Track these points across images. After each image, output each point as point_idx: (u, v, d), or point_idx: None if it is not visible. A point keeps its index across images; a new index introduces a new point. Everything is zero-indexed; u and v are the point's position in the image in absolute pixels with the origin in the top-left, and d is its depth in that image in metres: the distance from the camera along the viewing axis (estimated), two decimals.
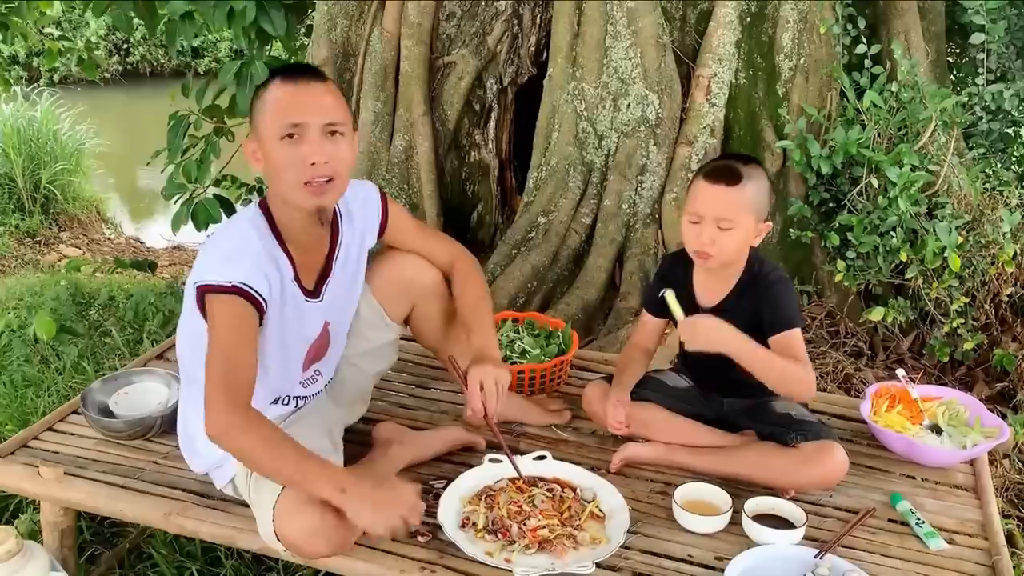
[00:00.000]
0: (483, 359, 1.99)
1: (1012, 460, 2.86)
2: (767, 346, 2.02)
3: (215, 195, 3.50)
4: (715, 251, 2.01)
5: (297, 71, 1.78)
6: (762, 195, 2.02)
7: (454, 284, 2.15)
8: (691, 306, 2.15)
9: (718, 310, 2.10)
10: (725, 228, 1.98)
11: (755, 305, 2.06)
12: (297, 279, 1.86)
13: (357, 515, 1.65)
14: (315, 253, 1.92)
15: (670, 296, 2.06)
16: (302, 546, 1.70)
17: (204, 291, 1.74)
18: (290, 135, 1.72)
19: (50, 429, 2.23)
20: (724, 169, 2.01)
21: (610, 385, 2.22)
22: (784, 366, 1.98)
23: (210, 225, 3.45)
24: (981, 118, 3.71)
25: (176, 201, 3.46)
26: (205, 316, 1.76)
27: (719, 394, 2.24)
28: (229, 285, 1.71)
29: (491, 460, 2.05)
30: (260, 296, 1.74)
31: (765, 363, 1.98)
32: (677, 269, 2.19)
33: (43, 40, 4.95)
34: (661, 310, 2.23)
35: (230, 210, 3.55)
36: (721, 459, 2.10)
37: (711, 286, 2.14)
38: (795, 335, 2.04)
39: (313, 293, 1.91)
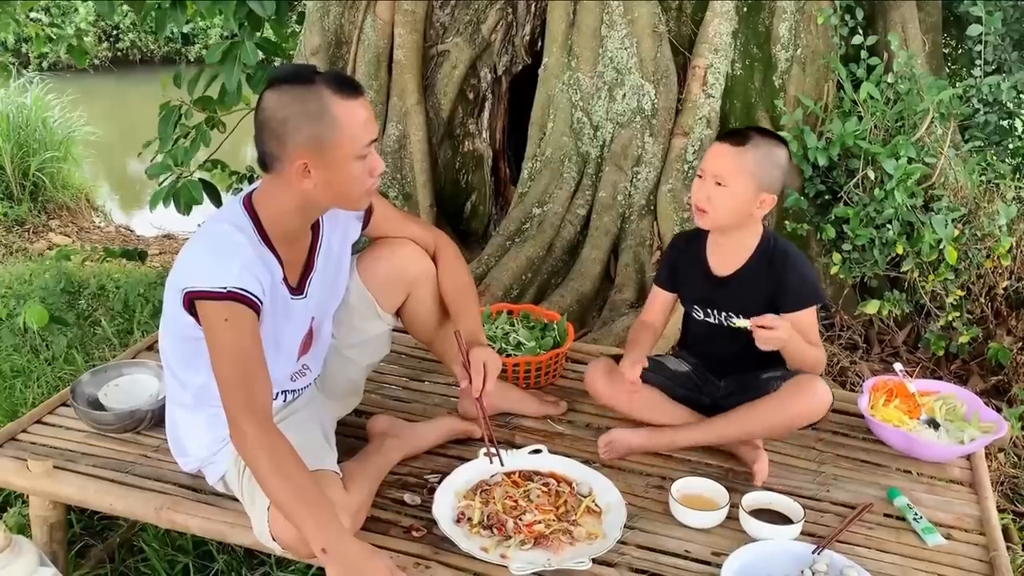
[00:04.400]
0: (476, 343, 2.02)
1: (1007, 454, 2.85)
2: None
3: (200, 179, 3.47)
4: (709, 208, 2.05)
5: (350, 84, 1.72)
6: (767, 165, 2.03)
7: (438, 271, 2.16)
8: (706, 276, 2.19)
9: (732, 280, 2.15)
10: (720, 185, 2.03)
11: (772, 277, 2.11)
12: (284, 279, 1.84)
13: None
14: (299, 249, 1.89)
15: (740, 322, 2.05)
16: (298, 547, 1.69)
17: (195, 297, 1.70)
18: (366, 153, 1.72)
19: (39, 422, 2.20)
20: (734, 131, 2.09)
21: (615, 363, 2.20)
22: (814, 356, 2.07)
23: (192, 207, 3.42)
24: (978, 110, 3.70)
25: (160, 183, 3.43)
26: (197, 320, 1.72)
27: (717, 376, 2.25)
28: (224, 291, 1.67)
29: (486, 454, 2.03)
30: (256, 298, 1.71)
31: (804, 355, 2.06)
32: (692, 242, 2.24)
33: (29, 26, 4.89)
34: (672, 285, 2.28)
35: (215, 195, 3.51)
36: (705, 427, 2.12)
37: (725, 257, 2.17)
38: (811, 313, 2.10)
39: (297, 290, 1.88)
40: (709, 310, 2.20)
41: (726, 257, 2.17)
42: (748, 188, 2.03)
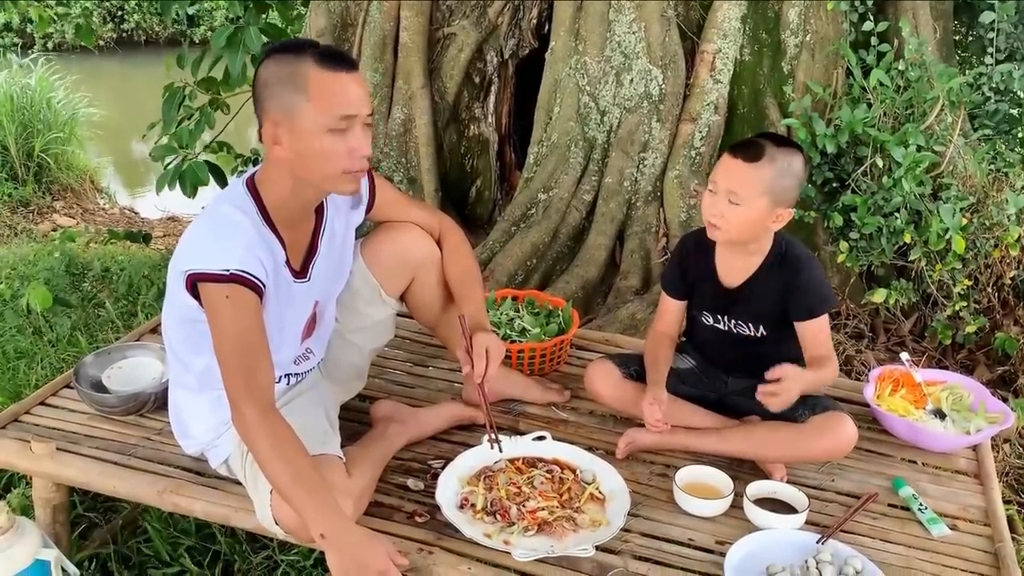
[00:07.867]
0: (480, 328, 2.00)
1: (1012, 445, 2.84)
2: (791, 325, 2.03)
3: (206, 161, 3.45)
4: (723, 225, 1.97)
5: (337, 57, 1.69)
6: (784, 180, 1.94)
7: (443, 255, 2.14)
8: (715, 286, 2.13)
9: (743, 289, 2.09)
10: (734, 203, 1.95)
11: (781, 286, 2.04)
12: (287, 261, 1.82)
13: (330, 564, 1.62)
14: (302, 232, 1.87)
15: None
16: (299, 532, 1.68)
17: (197, 279, 1.69)
18: (341, 128, 1.67)
19: (42, 403, 2.19)
20: (748, 144, 1.97)
21: (614, 364, 2.19)
22: (827, 376, 2.00)
23: (198, 189, 3.41)
24: (988, 98, 3.67)
25: (166, 165, 3.42)
26: (199, 302, 1.71)
27: (724, 372, 2.22)
28: (227, 273, 1.66)
29: (489, 441, 2.02)
30: (259, 281, 1.70)
31: (820, 383, 2.00)
32: (700, 248, 2.15)
33: (33, 6, 4.86)
34: (681, 292, 2.21)
35: (221, 177, 3.50)
36: (728, 438, 2.08)
37: (735, 266, 2.10)
38: (823, 321, 2.03)
39: (300, 273, 1.87)
40: (719, 316, 2.16)
41: (736, 267, 2.10)
42: (764, 205, 1.94)
